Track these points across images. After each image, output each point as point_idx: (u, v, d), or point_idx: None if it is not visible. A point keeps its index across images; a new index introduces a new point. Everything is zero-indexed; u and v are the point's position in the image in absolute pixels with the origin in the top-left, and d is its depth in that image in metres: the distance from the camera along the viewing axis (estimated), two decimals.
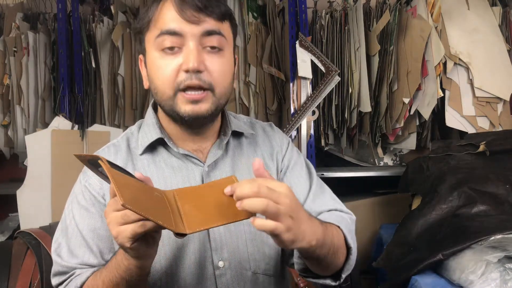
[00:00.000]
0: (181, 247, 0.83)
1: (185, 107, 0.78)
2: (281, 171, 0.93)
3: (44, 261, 1.33)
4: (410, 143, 2.13)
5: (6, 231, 2.16)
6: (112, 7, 2.36)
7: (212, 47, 0.78)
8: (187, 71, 0.76)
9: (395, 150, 2.31)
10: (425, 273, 1.25)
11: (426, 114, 2.01)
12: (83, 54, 2.21)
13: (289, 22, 2.04)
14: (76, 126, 1.98)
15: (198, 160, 0.85)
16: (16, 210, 1.91)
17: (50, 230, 1.46)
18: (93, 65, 2.25)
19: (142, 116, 2.27)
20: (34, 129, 2.19)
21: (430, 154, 1.70)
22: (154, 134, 0.85)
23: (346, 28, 2.13)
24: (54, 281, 0.83)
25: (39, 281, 1.30)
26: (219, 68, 0.79)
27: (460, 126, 2.01)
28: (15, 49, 2.29)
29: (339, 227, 0.80)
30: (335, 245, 0.75)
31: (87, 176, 0.85)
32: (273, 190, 0.59)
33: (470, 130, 1.98)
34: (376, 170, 2.13)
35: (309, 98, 2.00)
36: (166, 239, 0.82)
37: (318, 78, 2.08)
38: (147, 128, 0.87)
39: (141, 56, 0.86)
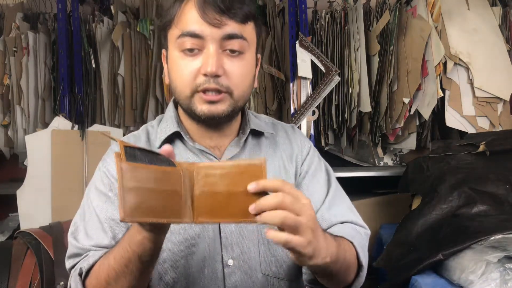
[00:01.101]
0: (191, 243, 0.82)
1: (201, 107, 0.78)
2: (299, 175, 0.91)
3: (44, 261, 1.33)
4: (410, 143, 2.13)
5: (6, 231, 2.16)
6: (112, 7, 2.36)
7: (232, 51, 0.78)
8: (205, 75, 0.77)
9: (395, 150, 2.31)
10: (425, 273, 1.25)
11: (426, 114, 2.01)
12: (83, 54, 2.21)
13: (289, 22, 2.04)
14: (76, 126, 1.98)
15: (214, 156, 0.85)
16: (16, 210, 1.91)
17: (50, 230, 1.46)
18: (93, 65, 2.25)
19: (142, 116, 2.27)
20: (34, 129, 2.19)
21: (430, 154, 1.71)
22: (172, 128, 0.86)
23: (346, 28, 2.14)
24: (68, 263, 0.83)
25: (39, 281, 1.30)
26: (238, 72, 0.79)
27: (460, 126, 2.01)
28: (15, 49, 2.29)
29: (352, 242, 0.79)
30: (347, 262, 0.74)
31: (106, 162, 0.87)
32: (297, 200, 0.59)
33: (470, 130, 1.98)
34: (376, 170, 2.13)
35: (309, 98, 2.00)
36: (176, 235, 0.82)
37: (318, 78, 2.08)
38: (166, 122, 0.89)
39: (164, 51, 0.87)
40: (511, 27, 2.15)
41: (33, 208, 1.86)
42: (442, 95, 1.99)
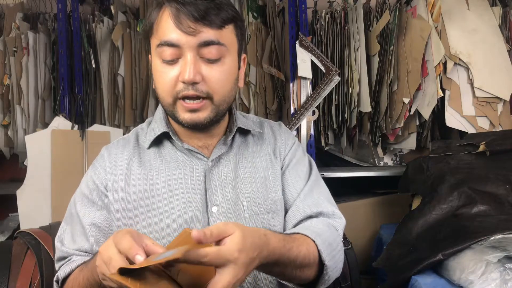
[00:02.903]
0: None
1: (184, 115, 0.81)
2: (282, 168, 0.94)
3: (44, 261, 1.33)
4: (410, 143, 2.13)
5: (6, 231, 2.16)
6: (112, 7, 2.36)
7: (209, 59, 0.79)
8: (184, 82, 0.78)
9: (395, 150, 2.31)
10: (425, 273, 1.25)
11: (426, 114, 2.01)
12: (83, 54, 2.21)
13: (289, 22, 2.04)
14: (76, 126, 1.98)
15: (202, 155, 0.87)
16: (16, 210, 1.91)
17: (50, 230, 1.46)
18: (93, 65, 2.25)
19: (142, 116, 2.27)
20: (34, 129, 2.19)
21: (430, 154, 1.71)
22: (161, 128, 0.88)
23: (346, 28, 2.14)
24: (57, 266, 0.87)
25: (39, 281, 1.30)
26: (217, 78, 0.80)
27: (460, 126, 2.01)
28: (15, 49, 2.29)
29: (314, 241, 0.79)
30: (298, 263, 0.74)
31: (95, 167, 0.90)
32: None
33: (470, 130, 1.98)
34: (376, 170, 2.13)
35: (309, 98, 2.00)
36: (166, 235, 0.82)
37: (318, 78, 2.08)
38: (155, 123, 0.91)
39: (150, 56, 0.88)
40: (511, 27, 2.15)
41: (33, 208, 1.86)
42: (442, 95, 1.99)
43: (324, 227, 0.85)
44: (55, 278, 0.83)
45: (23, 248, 1.38)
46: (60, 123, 1.98)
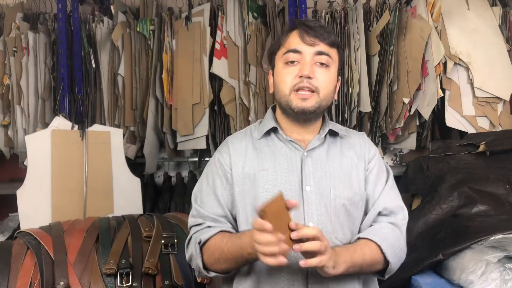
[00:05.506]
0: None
1: (296, 102, 1.07)
2: (367, 170, 1.15)
3: (44, 261, 1.33)
4: (410, 143, 2.13)
5: (6, 231, 2.16)
6: (112, 7, 2.36)
7: (321, 63, 1.08)
8: (300, 77, 1.06)
9: (395, 150, 2.31)
10: (425, 273, 1.25)
11: (426, 114, 2.01)
12: (83, 54, 2.21)
13: (289, 22, 2.03)
14: (76, 126, 1.98)
15: (300, 146, 1.11)
16: (16, 210, 1.91)
17: (50, 230, 1.46)
18: (93, 65, 2.25)
19: (142, 116, 2.27)
20: (34, 129, 2.19)
21: (430, 154, 1.71)
22: (271, 124, 1.15)
23: (346, 28, 2.14)
24: (190, 222, 1.13)
25: (39, 281, 1.30)
26: (324, 78, 1.08)
27: (460, 126, 2.01)
28: (15, 49, 2.29)
29: (380, 246, 1.02)
30: (366, 263, 1.01)
31: (220, 152, 1.17)
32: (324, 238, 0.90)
33: (470, 130, 1.98)
34: None
35: None
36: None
37: None
38: (266, 121, 1.18)
39: (270, 71, 1.19)
40: (511, 27, 2.16)
41: (33, 208, 1.86)
42: (442, 95, 1.99)
43: (388, 230, 1.08)
44: (197, 241, 1.06)
45: (23, 248, 1.38)
46: (60, 123, 1.98)
